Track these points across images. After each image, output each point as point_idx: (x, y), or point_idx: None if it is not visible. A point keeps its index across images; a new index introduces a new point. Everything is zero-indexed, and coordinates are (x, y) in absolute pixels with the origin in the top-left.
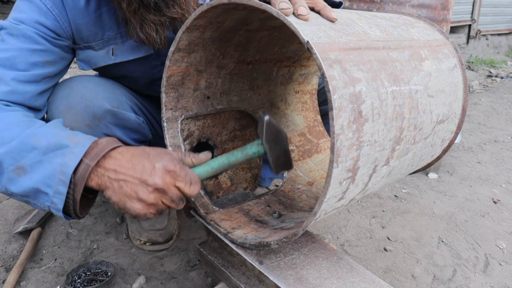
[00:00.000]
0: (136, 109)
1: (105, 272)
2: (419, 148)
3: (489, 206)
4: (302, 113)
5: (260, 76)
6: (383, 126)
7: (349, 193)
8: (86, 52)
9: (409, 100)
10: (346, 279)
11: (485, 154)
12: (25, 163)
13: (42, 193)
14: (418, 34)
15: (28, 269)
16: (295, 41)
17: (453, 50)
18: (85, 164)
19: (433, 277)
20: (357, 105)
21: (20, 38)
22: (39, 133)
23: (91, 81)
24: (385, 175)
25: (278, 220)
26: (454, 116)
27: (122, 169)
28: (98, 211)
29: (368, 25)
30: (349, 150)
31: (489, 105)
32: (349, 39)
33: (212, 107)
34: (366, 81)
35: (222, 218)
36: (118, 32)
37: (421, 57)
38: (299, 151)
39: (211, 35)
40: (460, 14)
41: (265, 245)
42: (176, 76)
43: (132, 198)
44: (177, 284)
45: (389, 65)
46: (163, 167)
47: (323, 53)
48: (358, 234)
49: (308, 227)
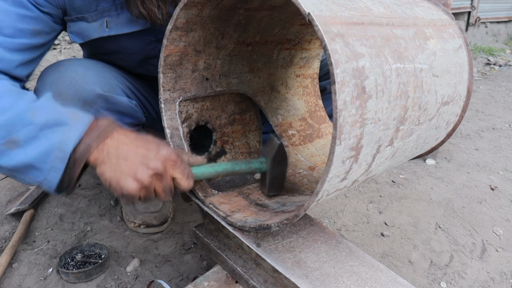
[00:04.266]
0: (128, 92)
1: (99, 254)
2: (423, 130)
3: (487, 193)
4: (303, 97)
5: (260, 59)
6: (387, 104)
7: (352, 173)
8: (78, 24)
9: (413, 79)
10: (345, 263)
11: (483, 141)
12: (19, 137)
13: (35, 169)
14: (423, 13)
15: (20, 251)
16: (296, 22)
17: (458, 31)
18: (86, 143)
19: (430, 262)
20: (361, 80)
21: (9, 1)
22: (36, 106)
23: (80, 64)
24: (388, 157)
25: (279, 203)
26: (459, 98)
27: (124, 148)
28: (92, 193)
29: (371, 2)
30: (352, 127)
31: (487, 93)
32: (352, 13)
33: (211, 89)
34: (370, 57)
35: (221, 202)
36: (113, 4)
37: (426, 35)
38: (300, 136)
39: (210, 13)
40: (460, 1)
41: (265, 227)
42: (174, 56)
43: (128, 176)
44: (171, 267)
45: (393, 41)
46: (167, 154)
47: (324, 26)
48: (355, 219)
49: (310, 208)
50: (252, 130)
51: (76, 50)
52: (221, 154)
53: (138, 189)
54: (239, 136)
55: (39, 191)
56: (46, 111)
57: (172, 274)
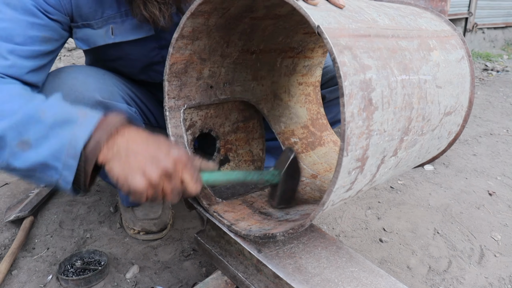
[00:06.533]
0: (128, 99)
1: (98, 261)
2: (426, 140)
3: (485, 198)
4: (305, 105)
5: (264, 67)
6: (393, 116)
7: (357, 183)
8: (84, 30)
9: (418, 90)
10: (346, 269)
11: (481, 146)
12: (30, 138)
13: (50, 167)
14: (426, 24)
15: (20, 258)
16: (299, 31)
17: (460, 42)
18: (96, 139)
19: (429, 268)
20: (367, 92)
21: (19, 10)
22: (44, 106)
23: (81, 71)
24: (392, 167)
25: (283, 212)
26: (461, 109)
27: (135, 144)
28: (92, 200)
29: (377, 13)
30: (359, 139)
31: (485, 98)
32: (359, 26)
33: (215, 97)
34: (376, 69)
35: (226, 210)
36: (118, 11)
37: (430, 47)
38: (302, 144)
39: (216, 22)
40: (457, 7)
41: (270, 236)
42: (179, 64)
43: (137, 172)
44: (171, 273)
45: (398, 53)
46: (178, 155)
47: (333, 39)
48: (353, 225)
49: (316, 218)
50: (256, 138)
51: (75, 57)
52: (225, 162)
53: (145, 186)
54: (243, 144)
55: (38, 198)
56: (55, 110)
57: (172, 281)
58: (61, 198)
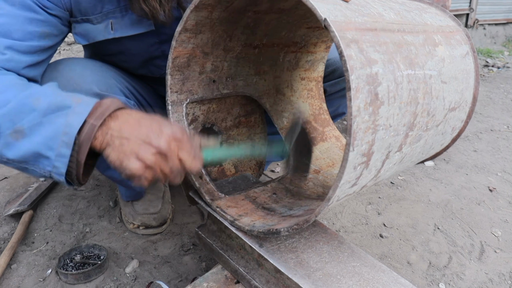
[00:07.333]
0: (126, 92)
1: (98, 255)
2: (430, 136)
3: (485, 194)
4: (308, 100)
5: (266, 61)
6: (398, 111)
7: (362, 179)
8: (83, 25)
9: (423, 85)
10: (347, 263)
11: (481, 142)
12: (23, 126)
13: (43, 157)
14: (431, 20)
15: (19, 252)
16: (303, 25)
17: (465, 37)
18: (90, 124)
19: (429, 263)
20: (374, 87)
21: (17, 5)
22: (38, 93)
23: (78, 63)
24: (397, 162)
25: (286, 207)
26: (465, 104)
27: (127, 128)
28: (91, 195)
29: (383, 8)
30: (365, 134)
31: (486, 95)
32: (365, 19)
33: (217, 91)
34: (383, 63)
35: (228, 205)
36: (117, 6)
37: (435, 42)
38: None
39: (219, 15)
40: (459, 3)
41: (274, 232)
42: (182, 57)
43: (131, 156)
44: (170, 268)
45: (404, 48)
46: (172, 133)
47: (340, 32)
48: (354, 220)
49: (321, 214)
50: (257, 133)
51: (75, 51)
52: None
53: (141, 168)
54: (245, 139)
55: (38, 192)
56: (49, 97)
57: (171, 275)
58: (60, 192)
